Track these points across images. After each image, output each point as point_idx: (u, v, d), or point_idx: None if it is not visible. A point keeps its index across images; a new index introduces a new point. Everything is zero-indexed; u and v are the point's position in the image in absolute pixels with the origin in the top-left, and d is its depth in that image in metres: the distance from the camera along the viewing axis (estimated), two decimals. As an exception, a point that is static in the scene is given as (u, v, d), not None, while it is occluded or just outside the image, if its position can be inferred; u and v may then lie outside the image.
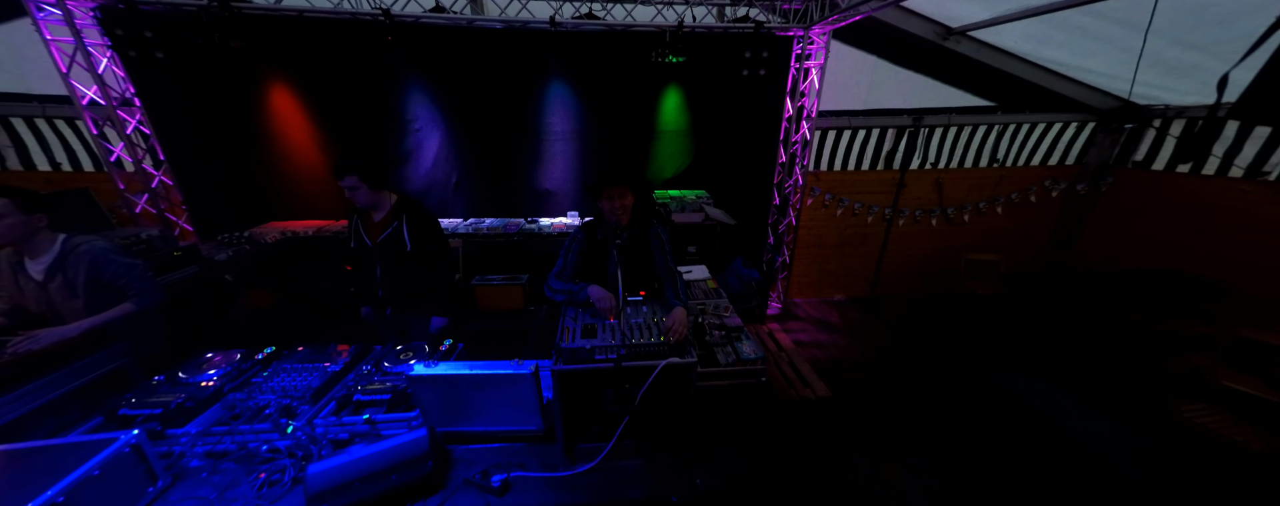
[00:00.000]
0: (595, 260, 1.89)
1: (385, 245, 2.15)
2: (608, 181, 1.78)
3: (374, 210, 2.17)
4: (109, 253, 1.75)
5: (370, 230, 2.18)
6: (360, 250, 2.21)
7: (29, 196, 1.59)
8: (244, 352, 1.65)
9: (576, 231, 1.92)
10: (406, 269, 2.21)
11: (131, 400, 1.36)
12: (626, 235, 1.84)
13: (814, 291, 5.33)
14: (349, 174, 2.00)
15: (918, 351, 4.07)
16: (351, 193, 2.03)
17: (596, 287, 1.64)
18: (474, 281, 4.20)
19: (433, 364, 1.31)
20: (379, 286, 2.25)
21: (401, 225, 2.14)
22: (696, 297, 2.46)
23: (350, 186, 2.01)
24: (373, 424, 1.35)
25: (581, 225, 1.94)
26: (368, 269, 2.24)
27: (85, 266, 1.68)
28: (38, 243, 1.64)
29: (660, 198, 4.35)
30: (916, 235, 5.13)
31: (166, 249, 2.86)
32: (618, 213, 1.77)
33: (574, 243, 1.89)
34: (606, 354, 1.28)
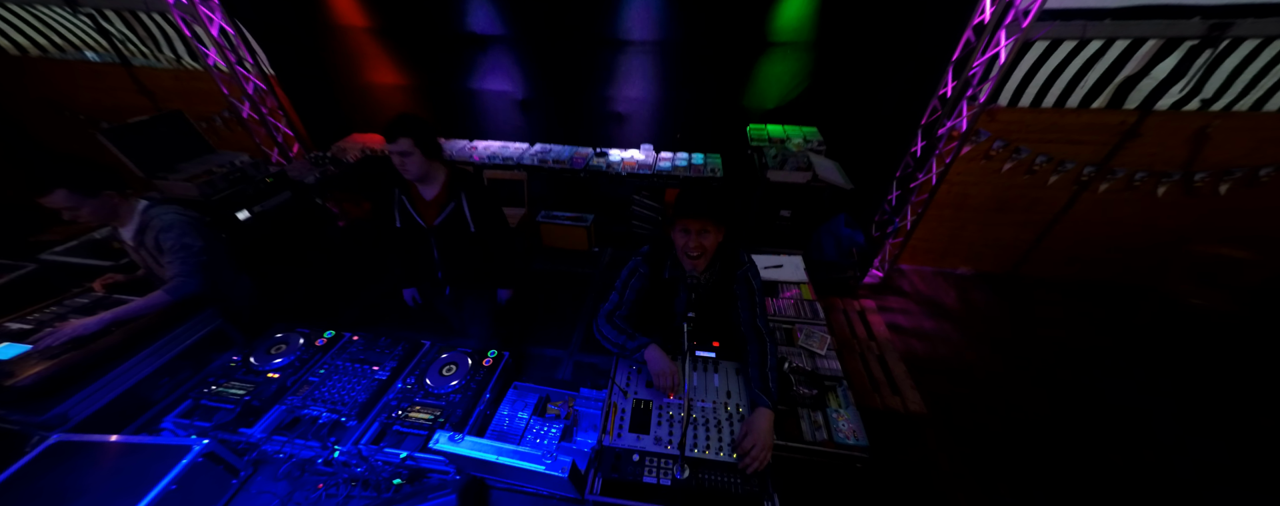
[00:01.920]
0: (659, 300, 1.47)
1: (445, 227, 1.89)
2: (686, 211, 1.25)
3: (423, 184, 1.86)
4: (175, 228, 1.74)
5: (423, 209, 1.89)
6: (411, 232, 1.93)
7: (88, 178, 1.54)
8: (307, 337, 1.65)
9: (637, 262, 1.48)
10: (469, 249, 1.98)
11: (211, 388, 1.42)
12: (704, 278, 1.36)
13: (931, 259, 4.33)
14: (403, 135, 1.66)
15: (1061, 370, 3.22)
16: (402, 160, 1.71)
17: (655, 352, 1.27)
18: (540, 217, 4.03)
19: (458, 438, 1.13)
20: (438, 268, 2.03)
21: (461, 204, 1.86)
22: (783, 314, 1.96)
23: (402, 151, 1.69)
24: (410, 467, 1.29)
25: (644, 255, 1.47)
26: (421, 251, 2.00)
27: (155, 236, 1.70)
28: (121, 214, 1.66)
29: (755, 135, 3.47)
30: (1122, 205, 3.65)
31: (259, 176, 2.98)
32: (694, 254, 1.28)
33: (634, 277, 1.47)
34: (658, 471, 0.98)
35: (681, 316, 1.51)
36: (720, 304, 1.39)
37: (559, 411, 1.54)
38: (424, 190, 1.87)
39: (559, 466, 1.07)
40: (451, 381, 1.51)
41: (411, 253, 2.02)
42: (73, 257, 2.16)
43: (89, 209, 1.53)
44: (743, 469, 0.99)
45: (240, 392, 1.43)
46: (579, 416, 1.51)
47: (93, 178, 1.55)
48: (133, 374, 1.55)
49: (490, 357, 1.63)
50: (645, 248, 1.47)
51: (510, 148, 4.20)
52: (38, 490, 1.13)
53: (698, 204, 1.24)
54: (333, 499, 1.32)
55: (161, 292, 1.69)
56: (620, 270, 1.48)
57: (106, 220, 1.64)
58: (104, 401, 1.47)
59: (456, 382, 1.50)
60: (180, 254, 1.72)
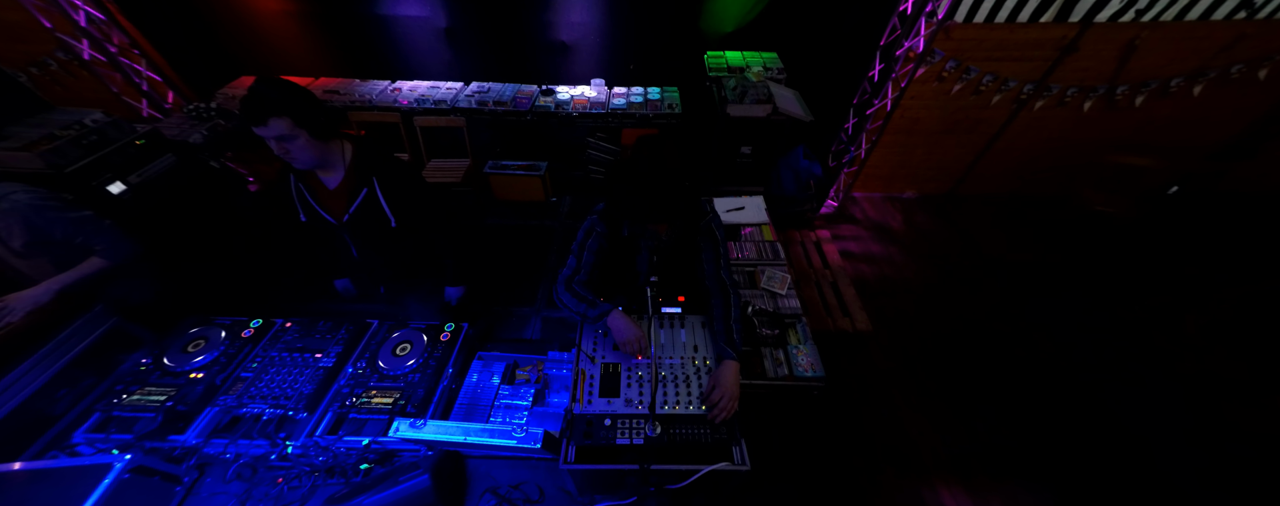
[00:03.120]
0: (619, 258, 1.38)
1: (358, 221, 1.51)
2: (643, 216, 1.13)
3: (322, 171, 1.45)
4: (44, 209, 1.40)
5: (327, 201, 1.48)
6: (318, 228, 1.54)
7: None
8: (229, 328, 1.46)
9: (593, 221, 1.33)
10: (396, 243, 1.62)
11: (122, 398, 1.25)
12: (667, 237, 1.26)
13: (881, 185, 4.49)
14: (273, 114, 1.19)
15: (983, 278, 3.59)
16: (283, 146, 1.26)
17: (619, 319, 1.20)
18: (487, 168, 3.69)
19: (420, 423, 1.07)
20: (360, 267, 1.69)
21: (374, 193, 1.47)
22: (746, 257, 1.96)
23: (279, 136, 1.23)
24: (377, 450, 1.23)
25: (599, 213, 1.33)
26: (336, 248, 1.64)
27: (19, 227, 1.37)
28: None
29: (713, 63, 3.21)
30: (1054, 122, 3.86)
31: (125, 137, 2.42)
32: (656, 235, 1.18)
33: (591, 238, 1.33)
34: (630, 431, 0.98)
35: (644, 275, 1.45)
36: (684, 258, 1.33)
37: (529, 376, 1.51)
38: (326, 177, 1.46)
39: (531, 438, 1.05)
40: (408, 361, 1.41)
41: (329, 252, 1.69)
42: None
43: None
44: (711, 419, 1.02)
45: (160, 398, 1.27)
46: (549, 379, 1.49)
47: None
48: (19, 389, 1.32)
49: (448, 331, 1.53)
50: (600, 204, 1.34)
51: (441, 88, 3.68)
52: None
53: (658, 209, 1.08)
54: (297, 490, 1.26)
55: (97, 258, 1.47)
56: (576, 231, 1.36)
57: None
58: (-20, 429, 1.26)
59: (413, 361, 1.41)
60: (83, 225, 1.46)
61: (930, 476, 2.19)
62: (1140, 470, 2.25)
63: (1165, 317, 3.13)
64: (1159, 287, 3.37)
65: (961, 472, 2.23)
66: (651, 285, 1.09)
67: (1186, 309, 3.17)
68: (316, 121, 1.29)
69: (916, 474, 2.21)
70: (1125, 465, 2.27)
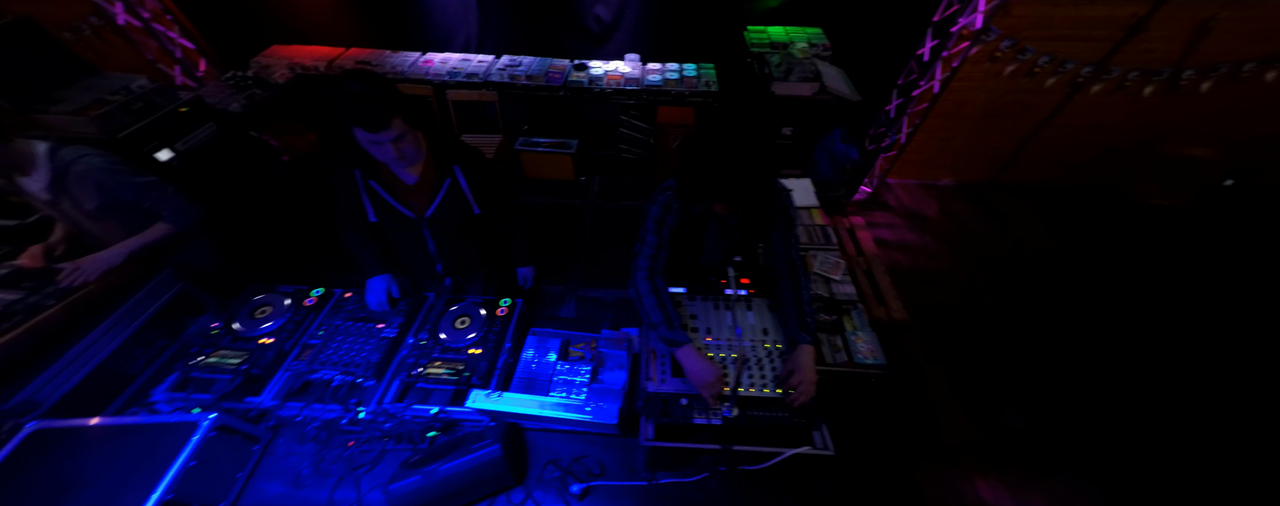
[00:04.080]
0: (686, 237, 1.34)
1: (442, 214, 1.45)
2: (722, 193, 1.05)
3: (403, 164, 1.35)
4: (114, 172, 1.43)
5: (407, 196, 1.42)
6: (395, 226, 1.46)
7: None
8: (292, 296, 1.49)
9: (669, 199, 1.27)
10: (474, 231, 1.57)
11: (200, 359, 1.28)
12: (739, 215, 1.22)
13: (917, 172, 4.35)
14: (395, 115, 1.14)
15: (1028, 272, 3.49)
16: (399, 149, 1.20)
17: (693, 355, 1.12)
18: (517, 145, 3.64)
19: (496, 395, 1.08)
20: (436, 261, 1.63)
21: (457, 182, 1.41)
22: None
23: (396, 137, 1.18)
24: (442, 420, 1.26)
25: (675, 189, 1.27)
26: (413, 246, 1.56)
27: (92, 190, 1.39)
28: (17, 161, 1.31)
29: (755, 39, 3.08)
30: (1109, 108, 3.65)
31: (169, 105, 2.43)
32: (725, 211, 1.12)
33: (669, 215, 1.28)
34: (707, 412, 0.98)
35: (709, 254, 1.42)
36: (752, 237, 1.30)
37: (583, 353, 1.52)
38: (404, 172, 1.39)
39: (604, 414, 1.05)
40: (468, 334, 1.42)
41: (401, 249, 1.59)
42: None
43: None
44: (790, 403, 1.01)
45: (235, 361, 1.31)
46: (604, 357, 1.50)
47: None
48: (99, 349, 1.37)
49: (504, 307, 1.54)
50: (671, 181, 1.30)
51: (472, 61, 3.60)
52: (29, 482, 1.04)
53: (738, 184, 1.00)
54: (367, 454, 1.31)
55: (163, 224, 1.52)
56: (648, 208, 1.32)
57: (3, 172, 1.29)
58: (75, 381, 1.31)
59: (473, 335, 1.42)
60: (150, 190, 1.49)
61: (968, 468, 2.19)
62: (1191, 469, 2.22)
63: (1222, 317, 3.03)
64: (1215, 285, 3.25)
65: (1000, 465, 2.23)
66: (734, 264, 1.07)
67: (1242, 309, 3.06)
68: (418, 115, 1.24)
69: (954, 464, 2.22)
70: (1174, 464, 2.24)
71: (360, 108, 1.13)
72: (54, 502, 1.00)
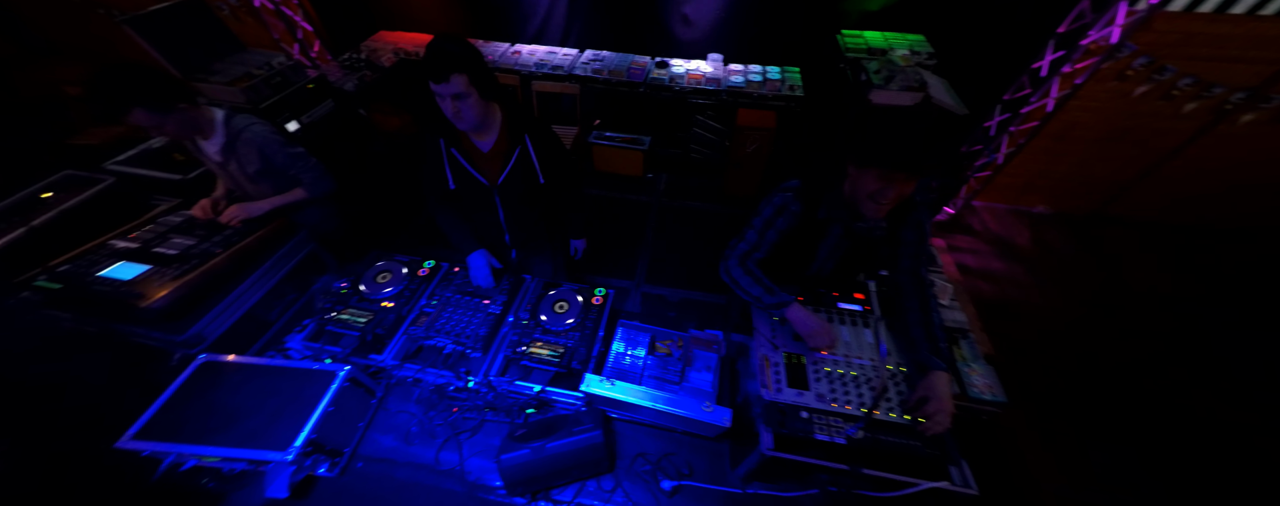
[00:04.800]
0: (799, 242, 1.30)
1: (511, 182, 1.53)
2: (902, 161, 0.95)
3: (478, 134, 1.46)
4: (273, 140, 1.62)
5: (482, 164, 1.50)
6: (470, 193, 1.54)
7: (161, 92, 1.34)
8: (408, 266, 1.60)
9: (788, 199, 1.24)
10: (537, 203, 1.65)
11: (333, 314, 1.41)
12: (873, 223, 1.18)
13: (1008, 196, 3.99)
14: (456, 71, 1.21)
15: (1139, 315, 3.12)
16: (457, 105, 1.27)
17: (800, 311, 1.14)
18: (591, 137, 3.72)
19: (611, 382, 1.11)
20: (505, 231, 1.71)
21: (526, 151, 1.48)
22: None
23: (456, 94, 1.24)
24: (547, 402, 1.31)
25: (796, 190, 1.24)
26: (485, 214, 1.64)
27: (255, 153, 1.59)
28: (200, 125, 1.50)
29: (851, 43, 2.95)
30: (1255, 141, 3.19)
31: (299, 82, 2.69)
32: (886, 203, 1.04)
33: (783, 216, 1.26)
34: (829, 428, 0.95)
35: (822, 263, 1.37)
36: (873, 250, 1.25)
37: (670, 350, 1.53)
38: (479, 140, 1.47)
39: (720, 416, 1.05)
40: (567, 319, 1.47)
41: (475, 218, 1.66)
42: (136, 169, 2.06)
43: (172, 124, 1.38)
44: (923, 432, 0.96)
45: (362, 320, 1.42)
46: (692, 357, 1.50)
47: (165, 91, 1.35)
48: (250, 295, 1.55)
49: (599, 296, 1.57)
50: (794, 181, 1.26)
51: (558, 54, 3.71)
52: (200, 408, 1.18)
53: (922, 151, 0.93)
54: (468, 421, 1.39)
55: (301, 190, 1.70)
56: (760, 206, 1.29)
57: (188, 134, 1.49)
58: (230, 322, 1.49)
59: (572, 320, 1.47)
60: (298, 160, 1.67)
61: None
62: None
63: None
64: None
65: (1091, 523, 2.02)
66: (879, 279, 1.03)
67: None
68: (486, 81, 1.30)
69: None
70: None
71: (430, 58, 1.21)
72: (221, 427, 1.14)
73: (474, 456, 1.32)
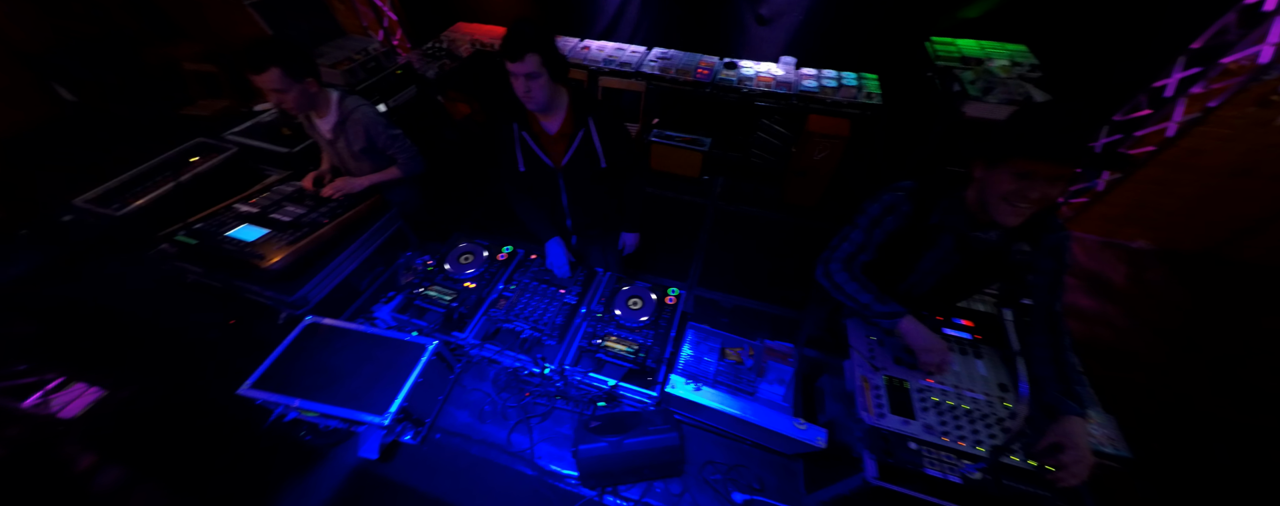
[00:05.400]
0: (901, 249, 1.23)
1: (574, 165, 1.55)
2: (1049, 150, 0.86)
3: (545, 116, 1.49)
4: (378, 121, 1.74)
5: (548, 146, 1.53)
6: (537, 175, 1.57)
7: (299, 62, 1.46)
8: (489, 249, 1.65)
9: (899, 199, 1.16)
10: (597, 188, 1.66)
11: (419, 291, 1.48)
12: (1002, 236, 1.09)
13: (1103, 227, 3.62)
14: (531, 51, 1.24)
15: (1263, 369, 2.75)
16: (527, 84, 1.30)
17: (914, 325, 1.06)
18: (652, 136, 3.71)
19: (696, 384, 1.09)
20: (567, 215, 1.73)
21: (590, 134, 1.50)
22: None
23: (529, 73, 1.28)
24: (615, 397, 1.31)
25: (910, 190, 1.16)
26: (550, 197, 1.67)
27: (362, 132, 1.70)
28: (318, 103, 1.62)
29: (943, 51, 2.76)
30: None
31: (390, 67, 2.86)
32: (1027, 207, 0.94)
33: (890, 216, 1.18)
34: (941, 464, 0.88)
35: (921, 276, 1.28)
36: (992, 270, 1.15)
37: (741, 358, 1.49)
38: (547, 122, 1.51)
39: (813, 435, 1.00)
40: (640, 316, 1.47)
41: (541, 201, 1.70)
42: (249, 140, 2.26)
43: (294, 94, 1.49)
44: (1055, 482, 0.88)
45: (448, 298, 1.48)
46: (764, 368, 1.45)
47: (302, 64, 1.48)
48: (347, 264, 1.65)
49: (672, 296, 1.56)
50: (908, 182, 1.17)
51: (626, 51, 3.73)
52: (306, 366, 1.27)
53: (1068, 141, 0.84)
54: (538, 407, 1.42)
55: (395, 169, 1.81)
56: (867, 205, 1.22)
57: (306, 108, 1.61)
58: (329, 288, 1.59)
59: (645, 318, 1.46)
60: (399, 142, 1.77)
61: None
62: None
63: None
64: None
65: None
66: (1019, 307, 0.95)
67: None
68: (557, 64, 1.35)
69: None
70: None
71: (509, 37, 1.26)
72: (325, 386, 1.22)
73: (543, 441, 1.34)
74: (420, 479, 1.24)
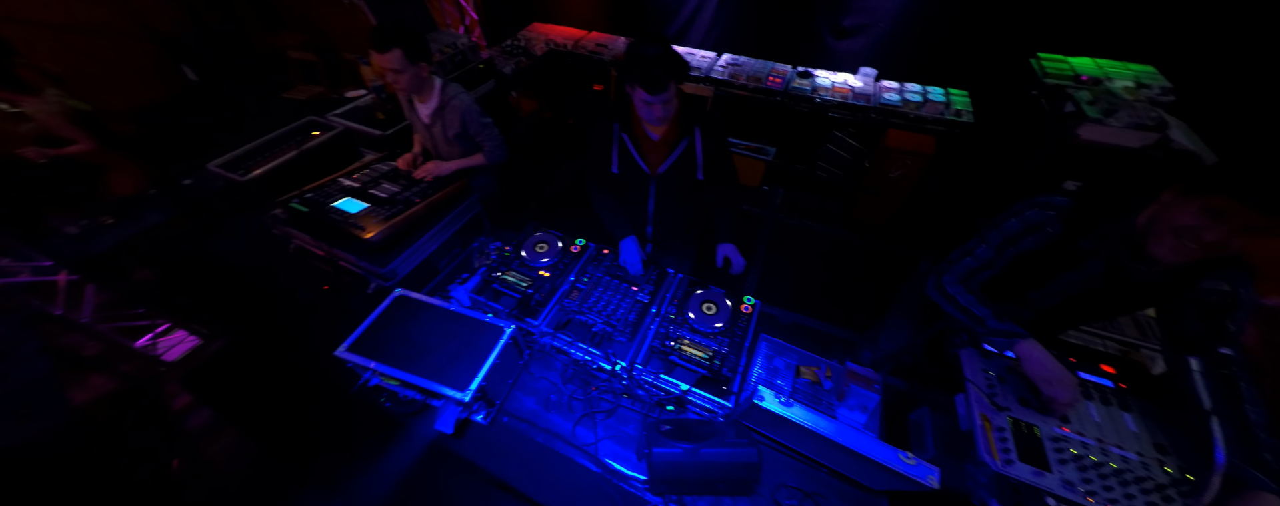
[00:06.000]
0: (1033, 273, 1.11)
1: (671, 174, 1.51)
2: (1251, 192, 0.77)
3: (652, 125, 1.44)
4: (475, 110, 1.84)
5: (648, 152, 1.50)
6: (630, 178, 1.54)
7: (416, 44, 1.55)
8: (563, 240, 1.66)
9: (1047, 218, 1.05)
10: (688, 197, 1.63)
11: (498, 275, 1.50)
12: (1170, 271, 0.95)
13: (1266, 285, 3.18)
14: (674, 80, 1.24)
15: None
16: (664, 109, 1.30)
17: (1037, 350, 0.96)
18: (716, 141, 3.66)
19: (786, 399, 1.03)
20: (649, 222, 1.70)
21: (693, 144, 1.46)
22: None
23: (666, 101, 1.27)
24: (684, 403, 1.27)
25: (1063, 210, 1.04)
26: (636, 202, 1.64)
27: (458, 119, 1.78)
28: (424, 88, 1.71)
29: (1052, 68, 2.53)
30: None
31: (474, 62, 3.00)
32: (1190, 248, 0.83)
33: (1032, 237, 1.06)
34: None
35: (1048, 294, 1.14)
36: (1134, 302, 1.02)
37: (818, 379, 1.40)
38: (651, 130, 1.47)
39: (923, 472, 0.91)
40: (715, 322, 1.42)
41: (625, 204, 1.67)
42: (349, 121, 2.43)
43: (408, 76, 1.58)
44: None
45: (524, 284, 1.50)
46: (846, 391, 1.36)
47: (422, 49, 1.57)
48: (431, 243, 1.72)
49: (747, 304, 1.50)
50: (1060, 199, 1.05)
51: (696, 55, 3.71)
52: (394, 336, 1.32)
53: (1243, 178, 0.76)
54: (602, 403, 1.40)
55: (481, 156, 1.88)
56: (1002, 220, 1.10)
57: (414, 90, 1.70)
58: (414, 263, 1.66)
59: (720, 324, 1.41)
60: (489, 130, 1.85)
61: None
62: None
63: None
64: None
65: None
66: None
67: None
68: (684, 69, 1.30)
69: None
70: None
71: (651, 70, 1.22)
72: (411, 356, 1.26)
73: (607, 438, 1.32)
74: (489, 460, 1.25)
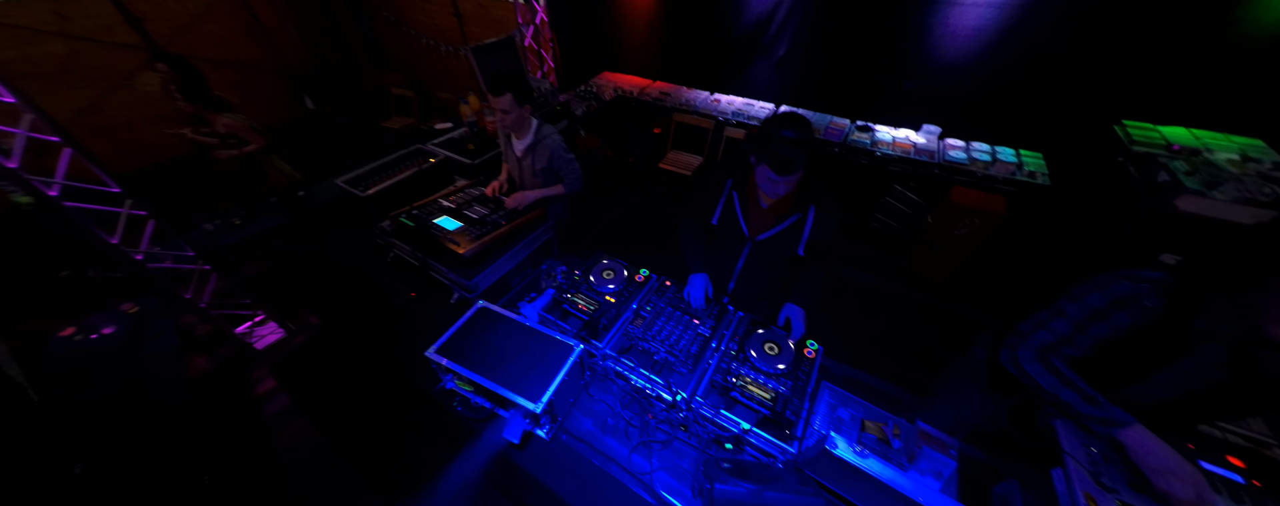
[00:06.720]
0: (1139, 356, 1.03)
1: (770, 243, 1.50)
2: None
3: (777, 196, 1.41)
4: (562, 148, 2.08)
5: (753, 216, 1.49)
6: (726, 233, 1.53)
7: (524, 89, 1.81)
8: (628, 269, 1.75)
9: (1142, 291, 0.98)
10: (778, 268, 1.59)
11: (568, 296, 1.60)
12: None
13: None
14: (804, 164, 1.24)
15: None
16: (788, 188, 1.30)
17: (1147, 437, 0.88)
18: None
19: (861, 450, 1.01)
20: (732, 279, 1.67)
21: (804, 220, 1.42)
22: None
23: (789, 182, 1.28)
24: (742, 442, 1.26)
25: (1160, 283, 0.97)
26: (725, 258, 1.61)
27: (547, 155, 1.99)
28: (523, 126, 1.96)
29: (1140, 136, 2.43)
30: None
31: (553, 104, 3.34)
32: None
33: (1126, 311, 0.99)
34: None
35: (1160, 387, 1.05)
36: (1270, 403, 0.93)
37: (885, 437, 1.34)
38: (767, 200, 1.44)
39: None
40: (778, 364, 1.42)
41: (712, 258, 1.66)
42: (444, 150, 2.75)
43: (514, 116, 1.82)
44: None
45: (591, 307, 1.59)
46: (917, 453, 1.29)
47: (528, 94, 1.82)
48: (509, 262, 1.88)
49: (810, 349, 1.49)
50: (1153, 272, 0.98)
51: (755, 106, 3.91)
52: (475, 344, 1.43)
53: None
54: (657, 433, 1.41)
55: (561, 187, 2.08)
56: (1084, 291, 1.03)
57: (515, 128, 1.94)
58: (493, 280, 1.81)
59: (783, 366, 1.41)
60: (570, 165, 2.05)
61: None
62: None
63: None
64: None
65: None
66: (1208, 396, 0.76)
67: None
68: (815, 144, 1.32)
69: None
70: None
71: (786, 152, 1.21)
72: (490, 364, 1.36)
73: (661, 469, 1.32)
74: (549, 475, 1.29)
